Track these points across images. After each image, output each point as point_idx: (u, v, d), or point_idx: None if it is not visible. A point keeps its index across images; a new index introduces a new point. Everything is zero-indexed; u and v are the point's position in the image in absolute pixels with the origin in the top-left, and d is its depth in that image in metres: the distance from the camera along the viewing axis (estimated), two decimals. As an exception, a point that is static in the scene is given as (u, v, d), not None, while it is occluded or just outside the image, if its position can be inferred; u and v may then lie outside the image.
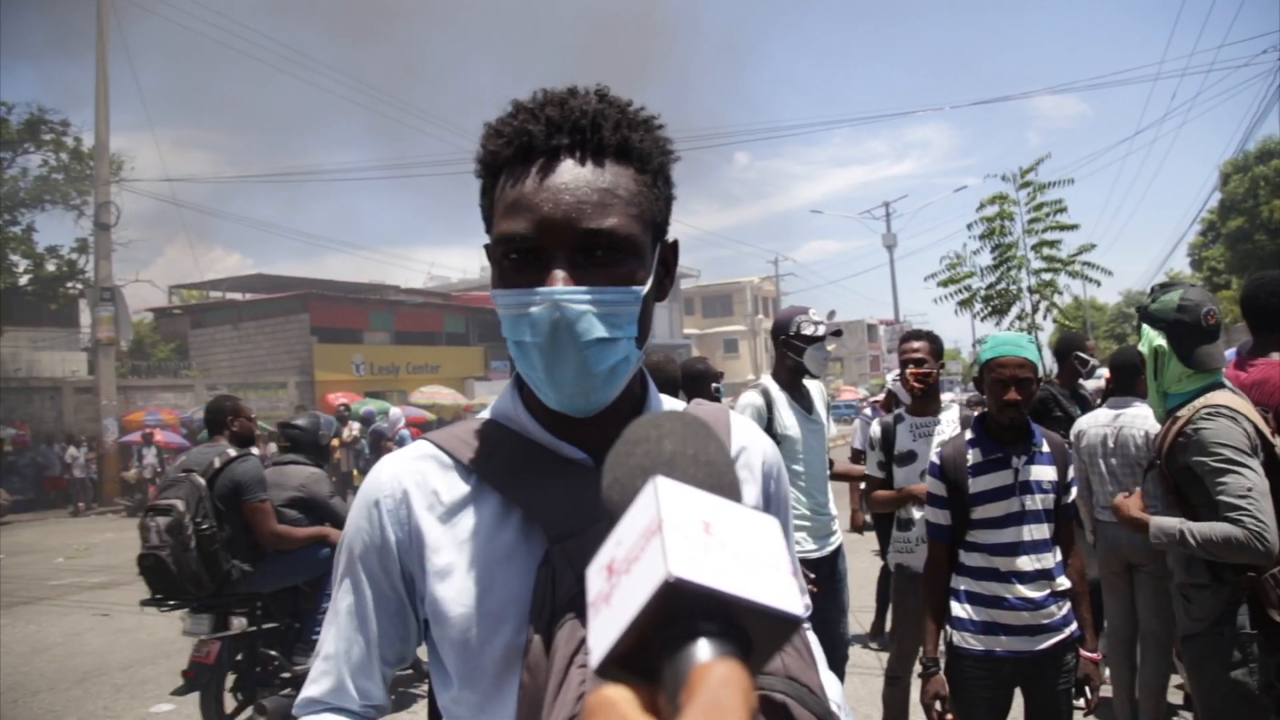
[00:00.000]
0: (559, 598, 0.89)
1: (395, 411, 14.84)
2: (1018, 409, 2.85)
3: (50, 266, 29.87)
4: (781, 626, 0.45)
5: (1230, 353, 5.06)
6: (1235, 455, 2.48)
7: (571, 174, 0.93)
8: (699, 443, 0.58)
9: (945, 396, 4.25)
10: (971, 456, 2.94)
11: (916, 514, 3.98)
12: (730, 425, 1.17)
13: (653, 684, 0.44)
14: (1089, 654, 2.90)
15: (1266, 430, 2.60)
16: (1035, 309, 8.24)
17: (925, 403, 4.15)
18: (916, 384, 4.08)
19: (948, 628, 2.94)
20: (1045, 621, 2.81)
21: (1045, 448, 2.95)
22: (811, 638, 1.16)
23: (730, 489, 0.55)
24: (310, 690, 1.06)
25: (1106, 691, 4.89)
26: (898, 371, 4.54)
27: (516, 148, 0.95)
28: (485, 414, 1.11)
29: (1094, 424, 4.35)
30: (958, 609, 2.91)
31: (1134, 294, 47.55)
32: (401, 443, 13.52)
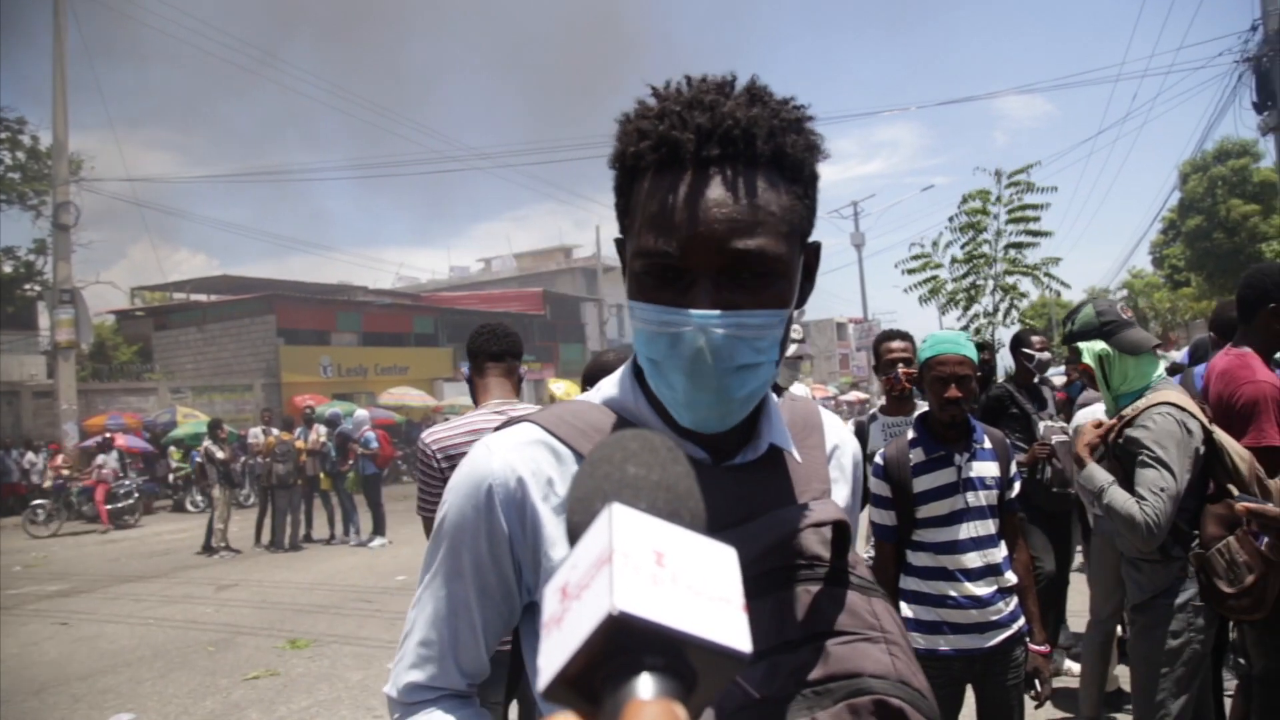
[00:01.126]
0: None
1: (361, 413, 14.68)
2: (958, 406, 2.89)
3: (7, 268, 29.32)
4: (728, 662, 0.45)
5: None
6: (1164, 455, 2.73)
7: (720, 190, 0.88)
8: (663, 468, 0.57)
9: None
10: (914, 456, 2.96)
11: None
12: (823, 423, 1.15)
13: (599, 709, 0.44)
14: (1037, 647, 2.93)
15: (1203, 419, 2.83)
16: (997, 309, 8.33)
17: (901, 403, 4.19)
18: (908, 384, 4.15)
19: None
20: (994, 618, 2.84)
21: (987, 444, 2.99)
22: None
23: (691, 517, 0.55)
24: (411, 675, 1.02)
25: (1060, 683, 4.97)
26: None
27: (662, 155, 0.89)
28: (594, 398, 1.06)
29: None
30: (905, 609, 2.92)
31: (1098, 291, 48.25)
32: (366, 445, 13.43)
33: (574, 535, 0.51)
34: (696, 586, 0.45)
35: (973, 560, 2.85)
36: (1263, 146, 28.17)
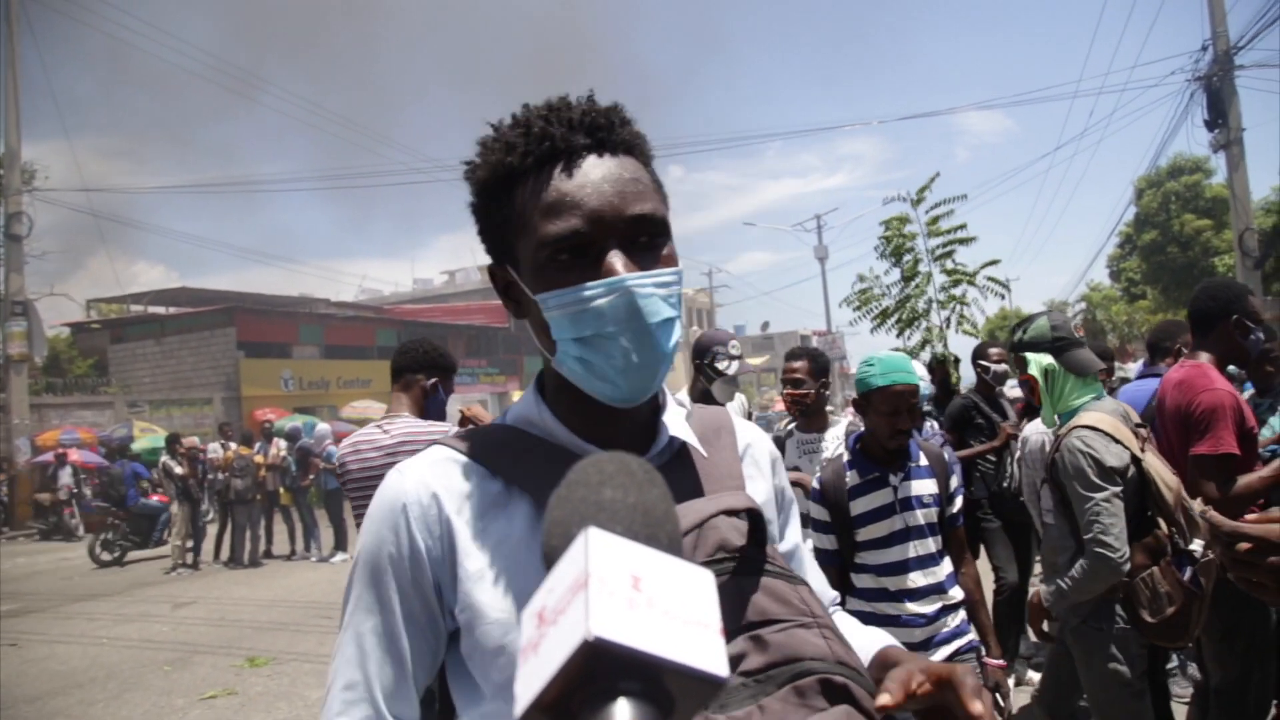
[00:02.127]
0: None
1: (322, 427, 14.50)
2: (905, 433, 2.88)
3: (-42, 280, 28.63)
4: (705, 686, 0.45)
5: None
6: (1087, 481, 2.74)
7: (605, 168, 0.96)
8: (640, 491, 0.57)
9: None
10: (850, 478, 2.94)
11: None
12: (734, 425, 1.18)
13: None
14: (993, 661, 2.90)
15: (1134, 445, 2.81)
16: (946, 324, 8.45)
17: (811, 419, 4.21)
18: (792, 405, 4.20)
19: None
20: (940, 633, 2.82)
21: (923, 461, 2.96)
22: (844, 616, 1.25)
23: (669, 540, 0.55)
24: None
25: (1023, 692, 5.00)
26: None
27: (538, 155, 0.96)
28: (499, 420, 1.10)
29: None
30: None
31: (1057, 304, 49.01)
32: (329, 459, 13.25)
33: (550, 559, 0.51)
34: (673, 611, 0.46)
35: (915, 580, 2.83)
36: (1214, 163, 28.86)
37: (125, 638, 8.42)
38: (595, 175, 0.96)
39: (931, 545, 2.87)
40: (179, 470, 13.00)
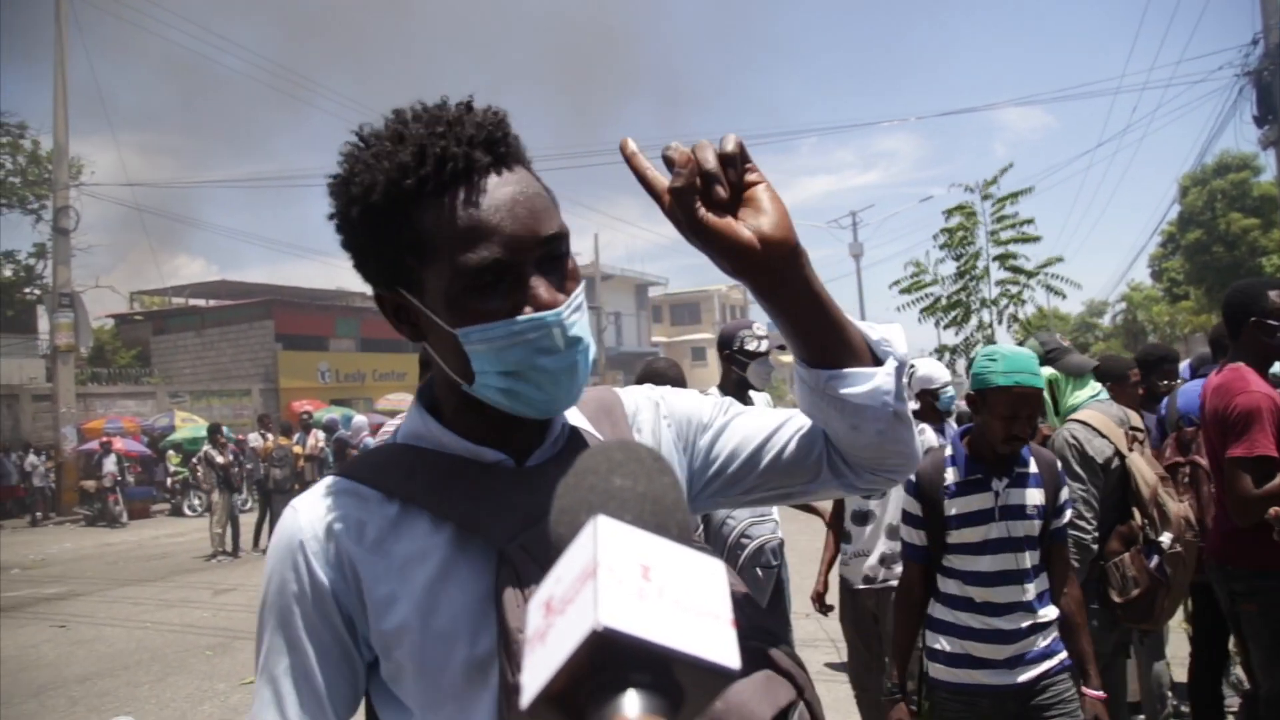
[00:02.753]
0: (529, 593, 0.86)
1: (359, 419, 14.71)
2: (1019, 442, 2.64)
3: (7, 272, 29.34)
4: (715, 678, 0.44)
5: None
6: (1069, 469, 3.15)
7: (507, 188, 0.92)
8: (649, 479, 0.56)
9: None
10: (949, 475, 2.73)
11: (851, 527, 3.98)
12: (620, 398, 1.18)
13: None
14: (1092, 692, 2.65)
15: (1122, 443, 3.27)
16: (1000, 319, 8.36)
17: None
18: None
19: (925, 657, 2.76)
20: (1024, 652, 2.60)
21: (1033, 468, 2.72)
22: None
23: (678, 530, 0.54)
24: None
25: None
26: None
27: (444, 173, 0.90)
28: (389, 440, 1.08)
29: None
30: (932, 638, 2.72)
31: (1097, 304, 48.28)
32: (365, 450, 13.42)
33: (558, 548, 0.50)
34: (683, 601, 0.45)
35: (1002, 594, 2.62)
36: (1263, 160, 28.21)
37: (168, 622, 8.60)
38: (503, 196, 0.91)
39: (1028, 560, 2.64)
40: (220, 459, 13.24)
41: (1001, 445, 2.64)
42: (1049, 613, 2.65)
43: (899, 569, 3.89)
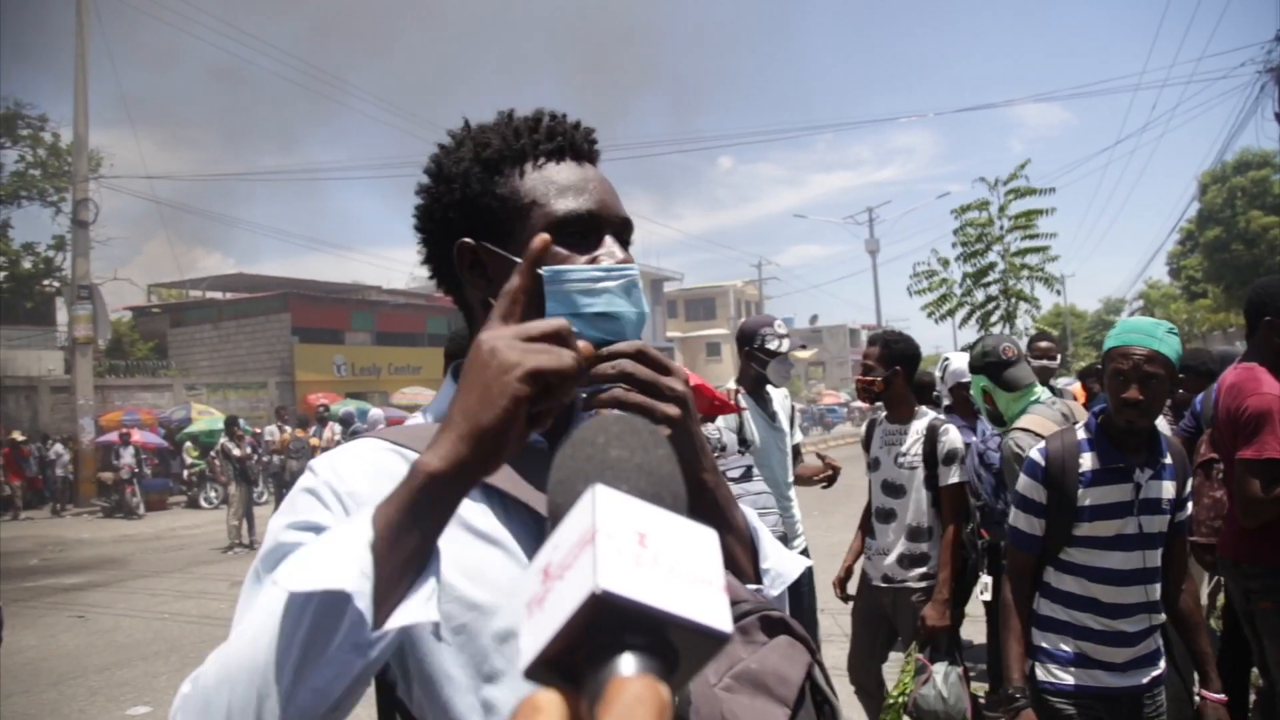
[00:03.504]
0: None
1: (375, 412, 14.72)
2: (1138, 410, 2.37)
3: (26, 264, 29.61)
4: (709, 642, 0.45)
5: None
6: (1011, 476, 3.14)
7: (598, 173, 1.09)
8: (645, 450, 0.58)
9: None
10: (1086, 462, 2.48)
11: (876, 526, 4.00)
12: None
13: (581, 689, 0.45)
14: (1213, 695, 2.46)
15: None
16: (1012, 315, 8.33)
17: (896, 409, 4.00)
18: (861, 392, 4.09)
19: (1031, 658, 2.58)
20: (1142, 655, 2.47)
21: (1168, 459, 2.50)
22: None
23: (673, 499, 0.56)
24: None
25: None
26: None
27: (549, 147, 1.06)
28: (425, 418, 1.10)
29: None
30: (1040, 637, 2.54)
31: (1114, 301, 48.01)
32: (382, 444, 13.48)
33: (555, 517, 0.51)
34: (678, 568, 0.46)
35: (1132, 594, 2.43)
36: (1283, 158, 27.96)
37: (186, 613, 8.67)
38: (595, 175, 1.08)
39: (1158, 558, 2.46)
40: (237, 452, 13.33)
41: (1116, 414, 2.42)
42: (1162, 615, 2.51)
43: (916, 571, 3.89)
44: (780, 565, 1.09)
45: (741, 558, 1.04)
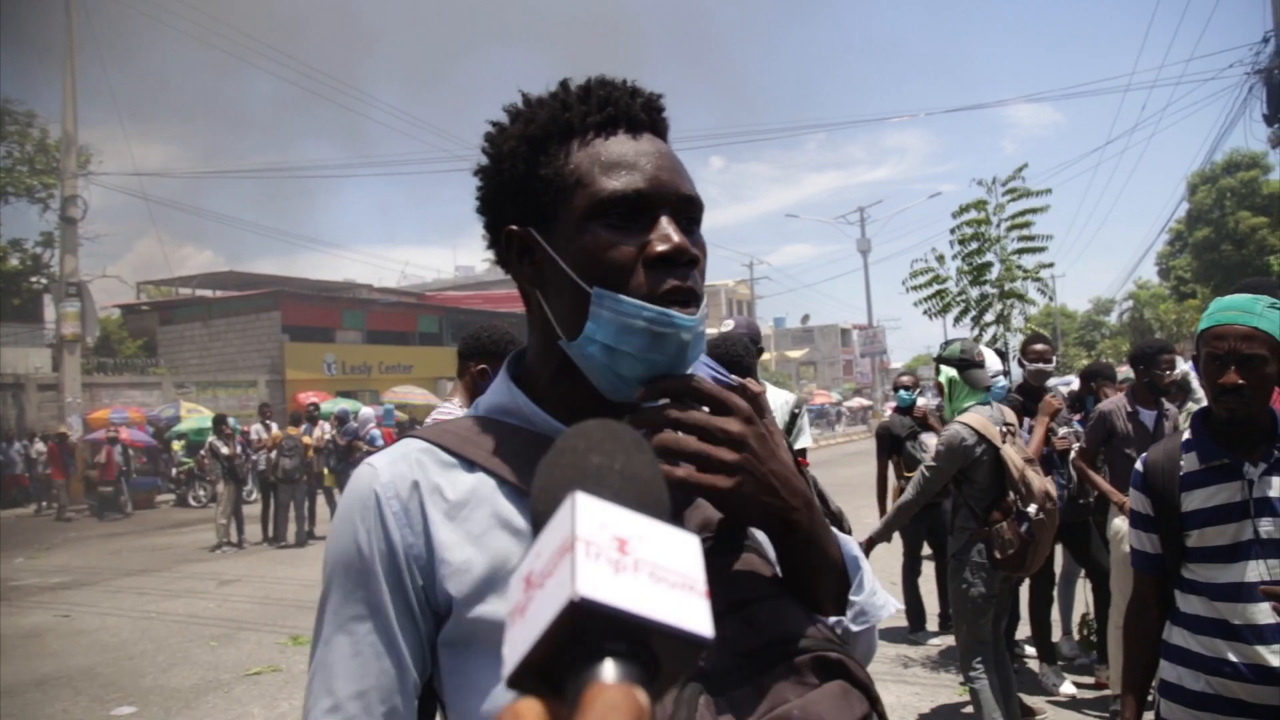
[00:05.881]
0: None
1: (366, 411, 14.73)
2: (1239, 397, 2.05)
3: (14, 260, 29.40)
4: (690, 648, 0.45)
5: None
6: (937, 455, 4.19)
7: (657, 145, 0.96)
8: (627, 456, 0.57)
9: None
10: (1186, 462, 2.19)
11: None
12: None
13: (563, 697, 0.45)
14: None
15: (996, 438, 4.10)
16: (1005, 316, 8.34)
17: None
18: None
19: (1158, 693, 2.26)
20: None
21: None
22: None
23: (655, 505, 0.55)
24: None
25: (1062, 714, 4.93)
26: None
27: (599, 118, 0.94)
28: (471, 412, 1.05)
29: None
30: (1168, 670, 2.20)
31: (1103, 301, 48.21)
32: (371, 443, 13.44)
33: (538, 525, 0.51)
34: (659, 573, 0.46)
35: (1267, 614, 2.02)
36: (1272, 159, 28.16)
37: (173, 613, 8.62)
38: (652, 148, 0.95)
39: None
40: (225, 450, 13.26)
41: (1215, 404, 2.14)
42: None
43: None
44: (870, 602, 1.02)
45: (826, 591, 0.96)
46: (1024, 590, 5.24)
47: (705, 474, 0.87)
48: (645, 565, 0.46)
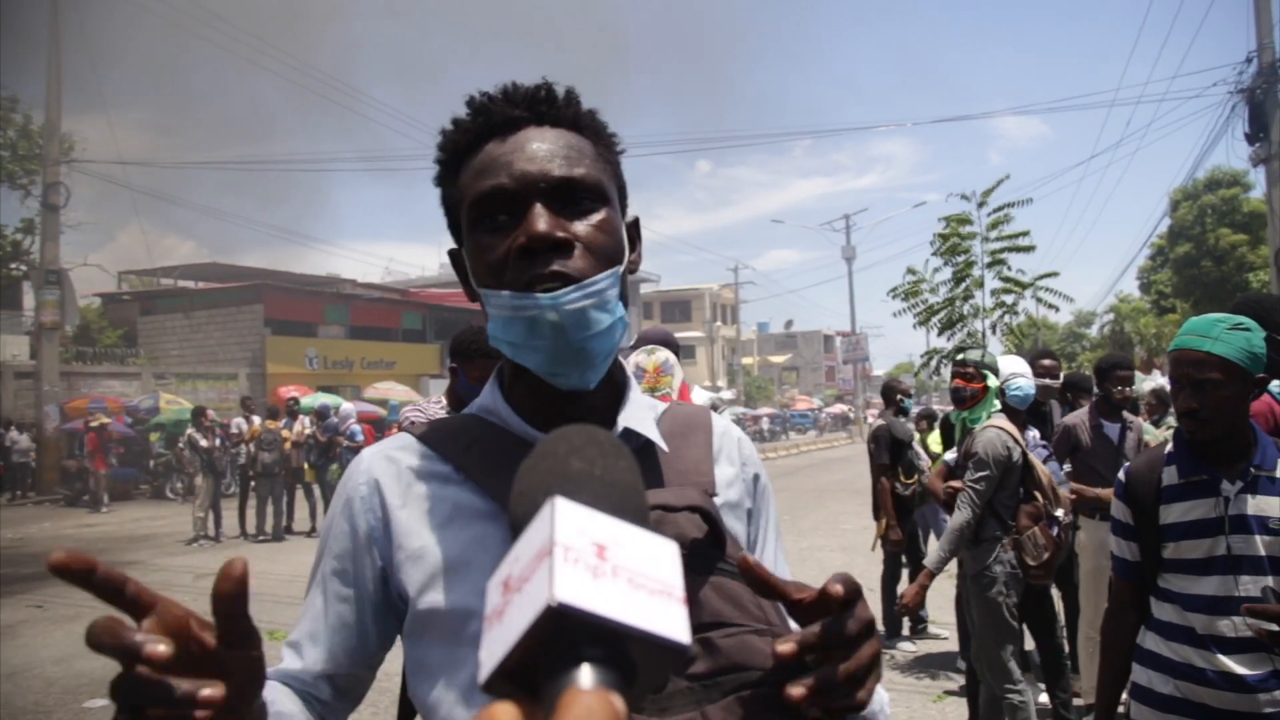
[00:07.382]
0: None
1: (346, 406, 14.66)
2: (1194, 419, 2.15)
3: (-6, 247, 29.04)
4: (667, 654, 0.46)
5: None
6: (980, 464, 3.99)
7: (537, 136, 0.96)
8: (607, 462, 0.58)
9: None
10: (1167, 476, 2.25)
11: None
12: (712, 423, 1.15)
13: (540, 702, 0.45)
14: None
15: (1024, 443, 4.10)
16: (994, 329, 8.41)
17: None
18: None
19: (1129, 695, 2.34)
20: (1265, 710, 2.07)
21: (1279, 471, 2.16)
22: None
23: (636, 512, 0.55)
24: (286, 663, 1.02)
25: None
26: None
27: (477, 130, 0.98)
28: (467, 410, 1.11)
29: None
30: (1140, 674, 2.28)
31: (1085, 314, 48.54)
32: (352, 438, 13.39)
33: (517, 528, 0.52)
34: (637, 579, 0.46)
35: (1232, 627, 2.10)
36: (1253, 177, 28.44)
37: (148, 605, 8.53)
38: (526, 141, 0.96)
39: (1272, 582, 2.09)
40: (204, 443, 13.16)
41: (1180, 425, 2.22)
42: None
43: None
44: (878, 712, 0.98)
45: None
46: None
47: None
48: (624, 571, 0.46)
